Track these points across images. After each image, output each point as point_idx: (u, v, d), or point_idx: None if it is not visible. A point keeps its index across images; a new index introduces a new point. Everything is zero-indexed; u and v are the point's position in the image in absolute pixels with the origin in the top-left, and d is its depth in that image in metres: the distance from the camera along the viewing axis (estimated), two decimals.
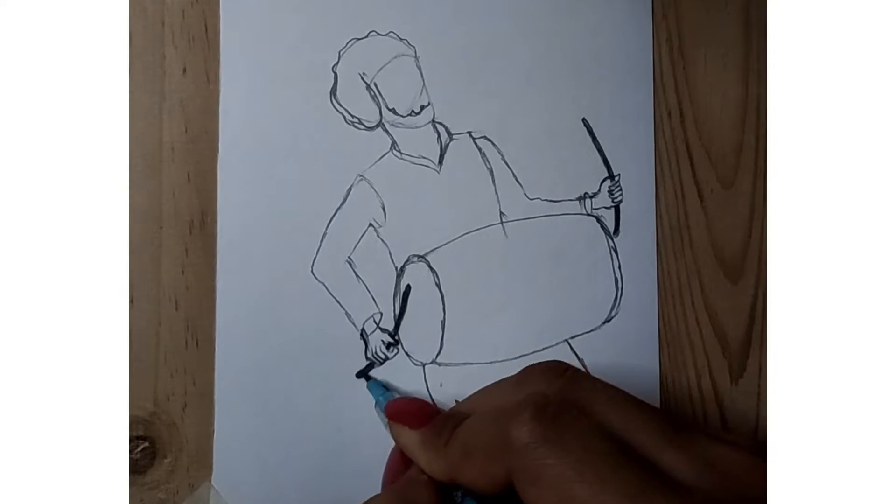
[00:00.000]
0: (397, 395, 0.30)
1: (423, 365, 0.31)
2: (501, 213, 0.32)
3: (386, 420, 0.29)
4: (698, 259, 0.33)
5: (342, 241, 0.31)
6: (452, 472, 0.25)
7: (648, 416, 0.24)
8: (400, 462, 0.28)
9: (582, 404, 0.24)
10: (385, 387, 0.30)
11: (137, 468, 0.29)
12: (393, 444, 0.29)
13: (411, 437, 0.27)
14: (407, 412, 0.28)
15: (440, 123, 0.32)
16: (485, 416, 0.25)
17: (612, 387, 0.25)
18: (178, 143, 0.30)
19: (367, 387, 0.30)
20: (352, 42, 0.31)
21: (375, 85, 0.31)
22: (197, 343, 0.29)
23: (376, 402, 0.30)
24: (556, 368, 0.26)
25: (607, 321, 0.32)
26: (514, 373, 0.27)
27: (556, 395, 0.24)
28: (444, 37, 0.32)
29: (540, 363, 0.27)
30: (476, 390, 0.29)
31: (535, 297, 0.32)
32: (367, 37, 0.31)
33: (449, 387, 0.31)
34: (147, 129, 0.30)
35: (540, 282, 0.32)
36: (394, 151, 0.31)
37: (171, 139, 0.30)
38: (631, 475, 0.22)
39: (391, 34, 0.31)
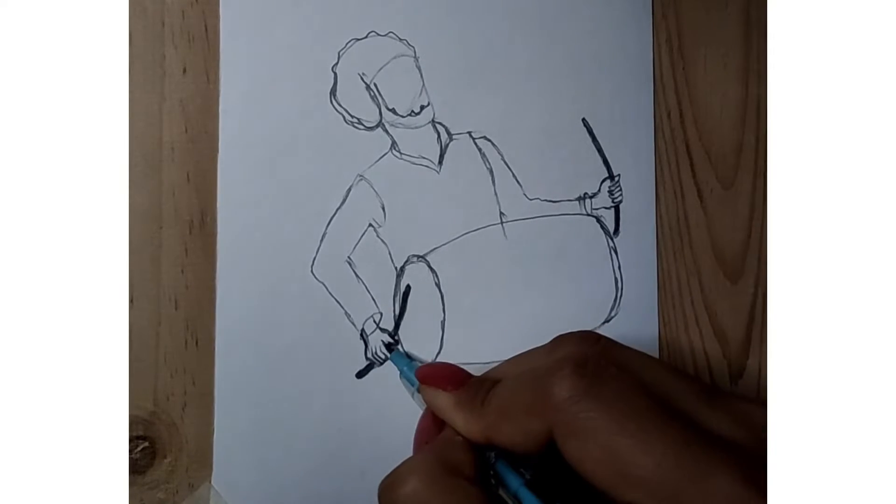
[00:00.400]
0: (421, 363, 0.30)
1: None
2: (501, 213, 0.32)
3: (413, 388, 0.29)
4: (698, 259, 0.33)
5: (342, 241, 0.31)
6: (489, 431, 0.25)
7: (682, 378, 0.25)
8: (432, 425, 0.28)
9: (620, 365, 0.24)
10: (409, 356, 0.30)
11: (137, 468, 0.29)
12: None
13: (446, 400, 0.27)
14: (440, 376, 0.28)
15: (440, 123, 0.32)
16: (522, 375, 0.25)
17: (644, 353, 0.26)
18: (178, 143, 0.30)
19: (391, 358, 0.30)
20: (351, 42, 0.31)
21: (375, 85, 0.31)
22: (197, 343, 0.29)
23: (401, 373, 0.30)
24: (589, 337, 0.26)
25: (607, 321, 0.32)
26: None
27: (594, 355, 0.24)
28: (443, 37, 0.32)
29: (572, 332, 0.27)
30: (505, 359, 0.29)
31: (535, 297, 0.32)
32: (366, 37, 0.31)
33: None
34: (147, 129, 0.30)
35: (540, 282, 0.32)
36: (394, 151, 0.31)
37: (171, 139, 0.30)
38: (673, 428, 0.22)
39: (391, 34, 0.31)
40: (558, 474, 0.24)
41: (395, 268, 0.31)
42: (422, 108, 0.32)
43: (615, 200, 0.33)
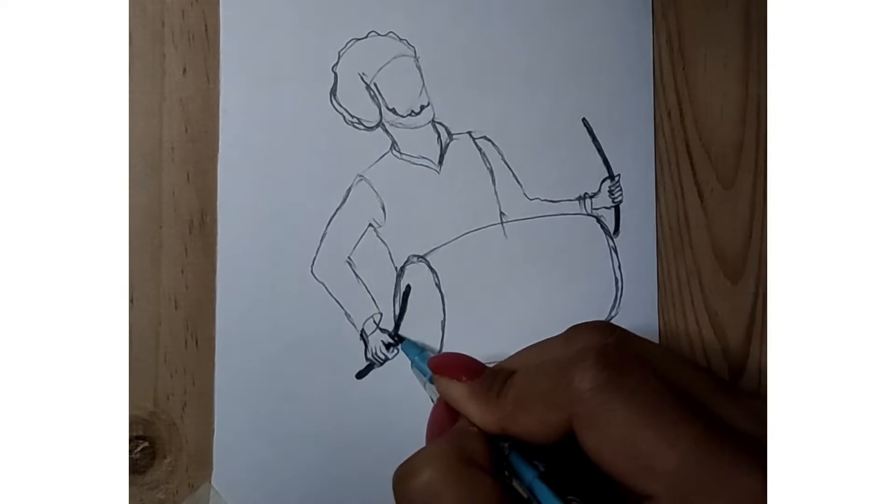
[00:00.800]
0: (432, 354, 0.30)
1: None
2: (501, 213, 0.32)
3: (424, 378, 0.29)
4: (698, 259, 0.33)
5: (342, 241, 0.31)
6: (505, 422, 0.25)
7: (698, 370, 0.25)
8: (446, 416, 0.27)
9: (639, 355, 0.24)
10: (420, 347, 0.30)
11: (137, 468, 0.29)
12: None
13: (460, 391, 0.26)
14: (455, 366, 0.27)
15: (440, 123, 0.32)
16: (541, 366, 0.25)
17: (661, 345, 0.25)
18: (178, 143, 0.30)
19: (402, 348, 0.30)
20: (351, 42, 0.31)
21: (375, 85, 0.31)
22: (197, 343, 0.29)
23: (412, 363, 0.30)
24: (606, 327, 0.26)
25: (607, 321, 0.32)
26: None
27: (614, 346, 0.24)
28: (444, 37, 0.32)
29: (586, 322, 0.27)
30: (518, 350, 0.28)
31: (534, 297, 0.32)
32: (366, 37, 0.31)
33: None
34: (147, 129, 0.30)
35: (540, 282, 0.32)
36: (394, 151, 0.31)
37: (171, 139, 0.30)
38: (696, 421, 0.22)
39: (391, 34, 0.31)
40: (572, 467, 0.24)
41: (395, 268, 0.31)
42: (422, 108, 0.32)
43: (615, 200, 0.33)
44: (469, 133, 0.32)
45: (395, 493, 0.24)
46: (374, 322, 0.31)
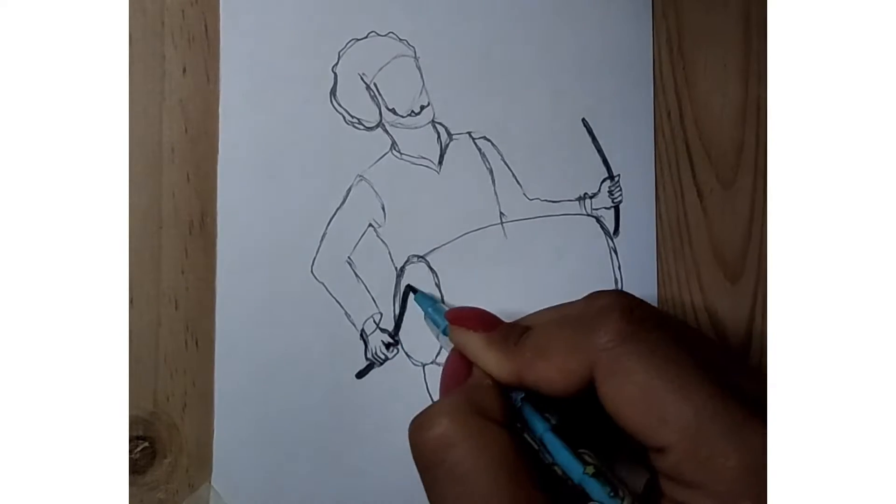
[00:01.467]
0: (445, 307, 0.30)
1: (423, 365, 0.31)
2: (501, 213, 0.32)
3: (437, 329, 0.29)
4: (698, 259, 0.33)
5: (342, 241, 0.31)
6: (522, 371, 0.25)
7: (717, 344, 0.25)
8: (460, 367, 0.28)
9: (660, 319, 0.25)
10: (433, 298, 0.30)
11: (137, 468, 0.29)
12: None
13: (476, 341, 0.27)
14: (471, 317, 0.28)
15: (440, 123, 0.32)
16: (561, 318, 0.26)
17: (677, 317, 0.26)
18: (178, 144, 0.30)
19: (415, 299, 0.30)
20: (351, 42, 0.31)
21: (375, 85, 0.31)
22: (197, 343, 0.29)
23: (426, 315, 0.30)
24: (626, 294, 0.27)
25: None
26: None
27: (637, 306, 0.25)
28: (444, 37, 0.32)
29: (605, 290, 0.27)
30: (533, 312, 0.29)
31: (534, 297, 0.32)
32: (366, 37, 0.31)
33: None
34: (147, 129, 0.30)
35: (540, 282, 0.32)
36: (394, 152, 0.31)
37: (171, 139, 0.30)
38: (711, 379, 0.22)
39: (391, 34, 0.31)
40: (584, 422, 0.25)
41: (395, 268, 0.31)
42: (422, 108, 0.32)
43: (615, 200, 0.33)
44: (469, 133, 0.32)
45: (410, 443, 0.25)
46: (374, 322, 0.31)
